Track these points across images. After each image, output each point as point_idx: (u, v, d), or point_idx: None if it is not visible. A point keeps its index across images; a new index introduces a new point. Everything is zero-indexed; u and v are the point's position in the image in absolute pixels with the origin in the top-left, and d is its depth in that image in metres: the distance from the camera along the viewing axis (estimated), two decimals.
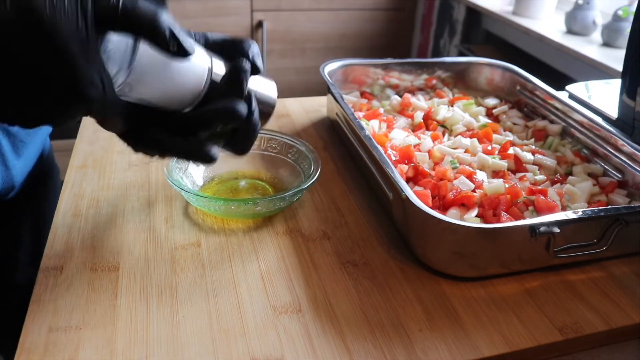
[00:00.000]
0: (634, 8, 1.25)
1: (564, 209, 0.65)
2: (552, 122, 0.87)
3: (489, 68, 0.98)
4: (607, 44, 1.68)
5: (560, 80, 1.62)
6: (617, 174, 0.73)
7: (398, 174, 0.61)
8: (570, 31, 1.80)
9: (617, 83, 0.94)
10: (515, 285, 0.58)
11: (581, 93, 1.00)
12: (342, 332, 0.51)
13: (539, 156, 0.77)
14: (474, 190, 0.66)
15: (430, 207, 0.61)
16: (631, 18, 1.18)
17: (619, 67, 0.98)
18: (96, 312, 0.52)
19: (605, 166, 0.75)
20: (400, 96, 0.92)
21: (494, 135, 0.81)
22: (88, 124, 0.87)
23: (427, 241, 0.58)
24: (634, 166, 0.70)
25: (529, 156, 0.76)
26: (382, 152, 0.65)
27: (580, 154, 0.79)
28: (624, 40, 1.58)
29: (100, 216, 0.65)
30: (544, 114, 0.89)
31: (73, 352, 0.47)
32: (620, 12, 1.62)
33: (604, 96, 1.00)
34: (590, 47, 1.65)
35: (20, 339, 0.49)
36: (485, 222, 0.62)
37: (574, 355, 0.54)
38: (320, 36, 2.42)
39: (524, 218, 0.62)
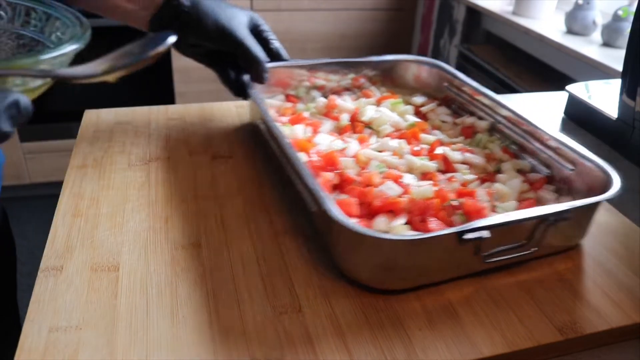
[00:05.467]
0: (634, 8, 1.25)
1: (493, 209, 0.64)
2: (480, 118, 0.84)
3: (415, 65, 0.94)
4: (607, 44, 1.68)
5: (560, 80, 1.62)
6: (546, 169, 0.72)
7: (317, 184, 0.57)
8: (570, 31, 1.80)
9: (617, 83, 0.94)
10: (512, 281, 0.58)
11: (581, 93, 1.00)
12: (342, 332, 0.51)
13: (468, 154, 0.74)
14: (403, 195, 0.63)
15: (358, 217, 0.61)
16: (631, 18, 1.18)
17: (619, 67, 0.98)
18: (96, 312, 0.52)
19: (534, 161, 0.74)
20: (327, 97, 0.88)
21: (423, 135, 0.78)
22: (88, 124, 0.87)
23: (352, 255, 0.56)
24: (560, 161, 0.69)
25: (457, 155, 0.73)
26: (302, 161, 0.61)
27: (509, 150, 0.77)
28: (624, 40, 1.58)
29: (100, 216, 0.65)
30: (472, 110, 0.86)
31: (73, 352, 0.47)
32: (620, 12, 1.62)
33: (604, 96, 1.00)
34: (590, 47, 1.65)
35: (20, 339, 0.49)
36: (414, 228, 0.59)
37: (574, 355, 0.54)
38: (320, 36, 2.41)
39: (452, 222, 0.60)
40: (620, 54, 1.40)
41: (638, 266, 0.62)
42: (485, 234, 0.53)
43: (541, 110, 1.08)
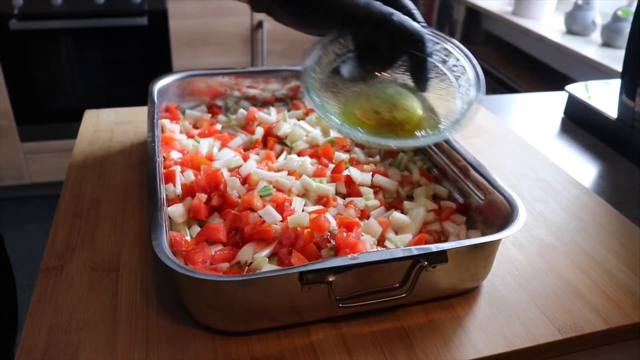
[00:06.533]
0: (633, 8, 1.25)
1: (382, 241, 0.59)
2: None
3: None
4: (606, 44, 1.68)
5: (560, 80, 1.62)
6: (460, 198, 0.66)
7: (161, 214, 0.52)
8: (570, 31, 1.80)
9: (616, 83, 0.94)
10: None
11: (581, 93, 1.00)
12: (342, 332, 0.51)
13: (380, 177, 0.68)
14: (282, 222, 0.58)
15: (225, 244, 0.56)
16: (631, 18, 1.18)
17: (619, 67, 0.98)
18: (96, 312, 0.52)
19: (452, 188, 0.68)
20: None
21: (337, 153, 0.73)
22: (88, 124, 0.87)
23: (184, 293, 0.51)
24: (474, 189, 0.63)
25: (366, 177, 0.67)
26: (158, 183, 0.56)
27: (430, 173, 0.71)
28: (623, 40, 1.58)
29: (100, 216, 0.65)
30: None
31: (73, 352, 0.47)
32: (619, 13, 1.62)
33: (604, 96, 1.00)
34: (589, 48, 1.65)
35: (20, 339, 0.49)
36: (279, 261, 0.54)
37: (574, 355, 0.54)
38: None
39: (321, 257, 0.54)
40: (620, 54, 1.40)
41: (638, 266, 0.62)
42: (331, 277, 0.47)
43: (541, 110, 1.08)
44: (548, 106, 1.09)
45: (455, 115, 0.53)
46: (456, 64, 0.56)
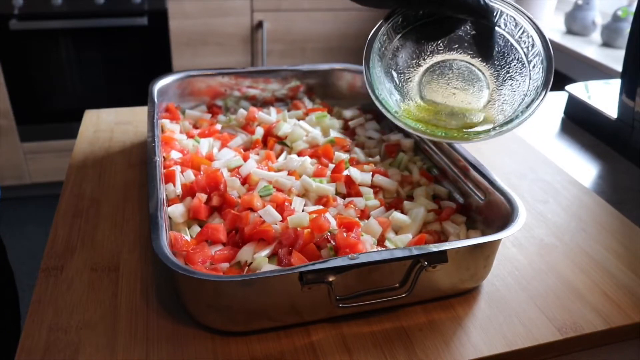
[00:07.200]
0: (633, 8, 1.25)
1: (382, 241, 0.59)
2: (408, 135, 0.77)
3: (350, 74, 0.88)
4: (606, 44, 1.68)
5: (560, 80, 1.62)
6: (461, 198, 0.66)
7: (161, 214, 0.52)
8: (570, 31, 1.80)
9: (616, 83, 0.94)
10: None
11: (581, 93, 1.00)
12: (342, 332, 0.51)
13: (380, 177, 0.68)
14: (282, 222, 0.58)
15: (225, 244, 0.56)
16: (631, 18, 1.18)
17: (619, 67, 0.98)
18: (96, 312, 0.52)
19: (452, 188, 0.68)
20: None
21: (337, 153, 0.73)
22: (88, 124, 0.87)
23: (184, 293, 0.51)
24: (474, 189, 0.64)
25: (366, 177, 0.67)
26: (158, 183, 0.57)
27: (430, 173, 0.71)
28: (623, 40, 1.58)
29: (100, 216, 0.65)
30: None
31: (73, 352, 0.47)
32: (619, 13, 1.63)
33: (604, 96, 1.00)
34: (589, 48, 1.65)
35: (20, 339, 0.49)
36: (279, 261, 0.54)
37: (574, 355, 0.54)
38: (320, 36, 2.41)
39: (321, 257, 0.54)
40: (620, 54, 1.40)
41: (638, 266, 0.62)
42: (331, 277, 0.47)
43: (541, 110, 1.08)
44: (548, 106, 1.09)
45: (519, 107, 0.52)
46: (524, 37, 0.54)
